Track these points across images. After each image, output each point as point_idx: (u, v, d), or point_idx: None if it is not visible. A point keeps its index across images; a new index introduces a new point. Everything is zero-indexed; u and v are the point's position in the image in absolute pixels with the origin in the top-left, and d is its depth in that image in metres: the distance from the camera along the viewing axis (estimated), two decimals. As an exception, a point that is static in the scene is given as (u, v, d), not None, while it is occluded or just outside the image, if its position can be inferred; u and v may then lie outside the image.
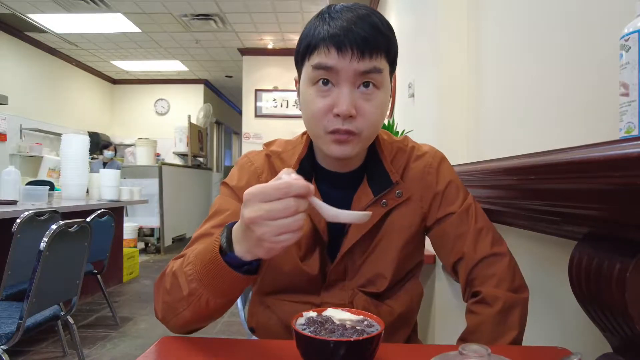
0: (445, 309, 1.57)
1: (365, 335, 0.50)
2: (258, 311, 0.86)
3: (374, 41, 0.66)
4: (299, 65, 0.74)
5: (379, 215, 0.78)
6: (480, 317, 0.72)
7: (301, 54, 0.72)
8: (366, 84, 0.68)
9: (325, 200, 0.75)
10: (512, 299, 0.72)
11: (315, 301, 0.79)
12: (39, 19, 5.28)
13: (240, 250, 0.57)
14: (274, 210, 0.52)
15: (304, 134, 0.83)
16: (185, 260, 0.65)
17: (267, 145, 0.86)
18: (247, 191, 0.54)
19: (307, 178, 0.77)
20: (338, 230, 0.78)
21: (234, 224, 0.60)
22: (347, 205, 0.78)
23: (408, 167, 0.82)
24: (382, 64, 0.69)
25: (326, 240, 0.78)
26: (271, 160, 0.82)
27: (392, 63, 0.73)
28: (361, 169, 0.80)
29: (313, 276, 0.78)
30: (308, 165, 0.80)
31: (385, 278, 0.79)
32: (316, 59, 0.68)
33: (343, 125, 0.68)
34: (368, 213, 0.59)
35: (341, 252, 0.77)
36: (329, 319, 0.55)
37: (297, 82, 0.76)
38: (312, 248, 0.79)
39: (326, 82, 0.68)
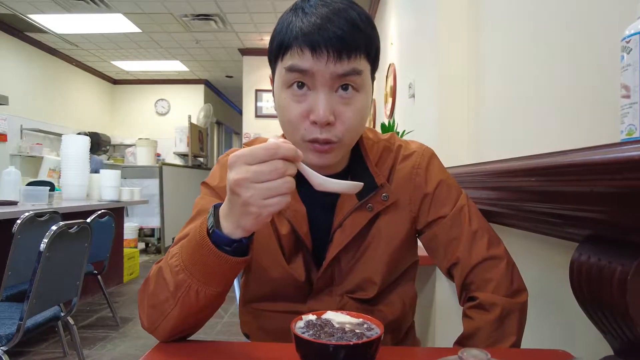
0: (445, 310, 1.57)
1: (365, 339, 0.50)
2: (248, 320, 0.82)
3: (352, 40, 0.61)
4: (273, 65, 0.69)
5: (365, 220, 0.73)
6: (477, 323, 0.70)
7: (274, 53, 0.66)
8: (345, 87, 0.63)
9: (307, 206, 0.73)
10: (510, 305, 0.69)
11: (302, 309, 0.73)
12: (39, 19, 5.28)
13: (228, 226, 0.54)
14: (260, 172, 0.50)
15: (283, 135, 0.77)
16: (170, 254, 0.62)
17: (248, 144, 0.80)
18: (232, 154, 0.52)
19: None
20: (323, 235, 0.74)
21: (221, 203, 0.57)
22: (330, 211, 0.74)
23: (395, 169, 0.77)
24: (362, 64, 0.63)
25: (310, 246, 0.74)
26: None
27: (374, 62, 0.68)
28: (344, 171, 0.75)
29: (300, 282, 0.74)
30: None
31: (375, 283, 0.75)
32: (289, 60, 0.62)
33: (321, 134, 0.63)
34: (359, 184, 0.57)
35: (327, 260, 0.73)
36: (328, 322, 0.55)
37: (272, 81, 0.71)
38: (295, 255, 0.75)
39: (301, 85, 0.63)
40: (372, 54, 0.66)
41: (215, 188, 0.77)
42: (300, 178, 0.70)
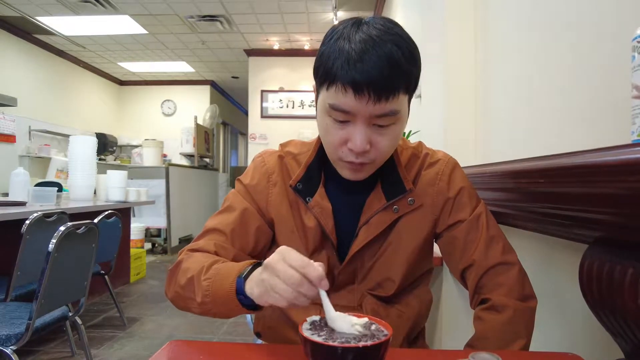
0: (452, 313, 1.56)
1: (374, 341, 0.50)
2: (266, 313, 0.86)
3: (392, 84, 0.64)
4: (317, 84, 0.72)
5: (390, 220, 0.78)
6: (488, 325, 0.72)
7: (319, 78, 0.70)
8: (382, 121, 0.67)
9: (335, 204, 0.79)
10: (521, 308, 0.72)
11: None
12: (47, 21, 5.33)
13: (250, 286, 0.63)
14: (285, 272, 0.56)
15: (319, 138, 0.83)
16: (204, 272, 0.69)
17: (283, 145, 0.88)
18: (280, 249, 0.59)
19: (315, 182, 0.80)
20: (348, 232, 0.79)
21: (259, 264, 0.64)
22: (358, 209, 0.79)
23: (420, 174, 0.82)
24: (399, 102, 0.67)
25: (335, 241, 0.79)
26: (284, 161, 0.84)
27: (413, 90, 0.71)
28: (375, 173, 0.79)
29: None
30: (316, 169, 0.81)
31: (394, 282, 0.80)
32: (333, 98, 0.66)
33: (357, 158, 0.69)
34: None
35: (350, 253, 0.78)
36: (336, 324, 0.55)
37: (315, 91, 0.75)
38: (319, 249, 0.80)
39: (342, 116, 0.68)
40: (412, 87, 0.70)
41: (246, 186, 0.84)
42: (329, 178, 0.80)
